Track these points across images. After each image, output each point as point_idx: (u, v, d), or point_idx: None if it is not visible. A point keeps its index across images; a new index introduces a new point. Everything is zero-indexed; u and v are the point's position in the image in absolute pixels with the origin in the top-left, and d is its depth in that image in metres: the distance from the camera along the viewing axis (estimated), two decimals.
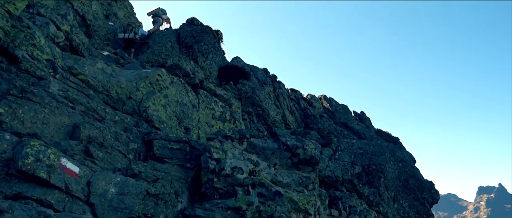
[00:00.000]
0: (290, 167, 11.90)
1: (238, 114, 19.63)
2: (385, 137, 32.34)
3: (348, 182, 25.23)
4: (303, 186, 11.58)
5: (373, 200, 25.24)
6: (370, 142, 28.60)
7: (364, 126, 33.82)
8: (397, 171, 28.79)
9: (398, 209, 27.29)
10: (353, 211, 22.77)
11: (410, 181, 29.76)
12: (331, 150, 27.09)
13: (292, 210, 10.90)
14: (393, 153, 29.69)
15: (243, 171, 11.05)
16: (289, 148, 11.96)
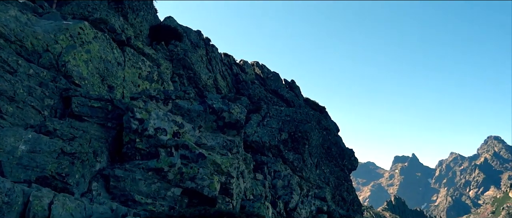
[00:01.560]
0: (215, 130, 11.91)
1: (167, 75, 19.13)
2: (313, 106, 33.49)
3: (275, 148, 25.96)
4: (227, 149, 11.67)
5: (297, 166, 26.29)
6: (298, 109, 29.49)
7: (293, 94, 34.68)
8: (321, 138, 30.11)
9: (319, 175, 28.73)
10: (278, 176, 23.55)
11: (333, 149, 31.34)
12: (260, 116, 27.56)
13: (215, 172, 11.00)
14: (319, 122, 30.93)
15: (166, 132, 10.88)
16: (215, 111, 11.92)
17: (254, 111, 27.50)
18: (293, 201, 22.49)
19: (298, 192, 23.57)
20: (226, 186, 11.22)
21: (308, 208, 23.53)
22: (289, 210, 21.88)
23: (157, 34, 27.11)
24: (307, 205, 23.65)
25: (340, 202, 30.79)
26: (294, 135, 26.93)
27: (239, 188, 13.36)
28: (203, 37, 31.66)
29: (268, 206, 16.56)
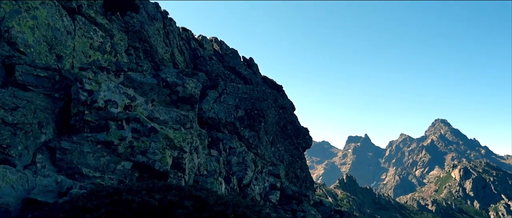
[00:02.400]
0: (169, 104, 11.70)
1: (120, 47, 18.49)
2: (270, 84, 33.69)
3: (231, 125, 25.99)
4: (180, 124, 11.53)
5: (252, 143, 26.51)
6: (255, 87, 29.55)
7: (251, 72, 34.67)
8: (277, 116, 30.46)
9: (274, 152, 29.17)
10: (233, 152, 23.67)
11: (288, 127, 31.84)
12: (217, 92, 27.40)
13: (167, 147, 10.86)
14: (276, 100, 31.22)
15: (117, 104, 10.56)
16: (168, 85, 11.69)
17: (211, 87, 27.30)
18: (247, 178, 22.77)
19: (252, 169, 23.85)
20: (178, 161, 11.13)
21: (262, 185, 23.93)
22: (243, 186, 22.15)
23: (112, 4, 26.03)
24: (261, 182, 24.03)
25: (293, 179, 31.51)
26: (251, 113, 27.05)
27: (192, 163, 13.30)
28: (161, 10, 30.77)
29: (221, 182, 16.67)
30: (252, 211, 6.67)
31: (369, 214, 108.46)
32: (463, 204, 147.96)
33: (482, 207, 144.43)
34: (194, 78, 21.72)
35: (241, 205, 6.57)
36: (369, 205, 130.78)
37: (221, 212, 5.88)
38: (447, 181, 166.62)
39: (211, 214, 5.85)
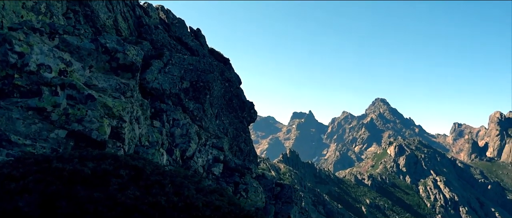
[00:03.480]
0: (108, 72, 11.19)
1: (58, 9, 17.32)
2: (217, 57, 33.31)
3: (175, 96, 25.52)
4: (120, 93, 11.10)
5: (197, 115, 26.27)
6: (202, 59, 29.10)
7: (198, 43, 34.02)
8: (223, 90, 30.31)
9: (219, 125, 29.13)
10: (176, 124, 23.33)
11: (234, 100, 31.83)
12: (162, 62, 26.66)
13: (105, 115, 10.45)
14: (222, 73, 30.98)
15: (51, 69, 9.94)
16: (108, 51, 11.15)
17: (156, 56, 26.51)
18: (191, 150, 22.63)
19: (196, 141, 23.71)
20: (117, 130, 10.77)
21: (205, 157, 23.90)
22: (186, 158, 21.99)
23: None
24: (204, 154, 23.98)
25: (237, 152, 31.76)
26: (196, 84, 26.68)
27: (132, 133, 12.94)
28: None
29: (163, 153, 16.43)
30: (191, 182, 6.62)
31: (310, 187, 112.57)
32: (396, 179, 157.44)
33: (413, 182, 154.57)
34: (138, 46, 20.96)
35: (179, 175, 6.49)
36: (310, 179, 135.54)
37: (158, 182, 5.78)
38: (383, 157, 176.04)
39: (148, 183, 5.73)
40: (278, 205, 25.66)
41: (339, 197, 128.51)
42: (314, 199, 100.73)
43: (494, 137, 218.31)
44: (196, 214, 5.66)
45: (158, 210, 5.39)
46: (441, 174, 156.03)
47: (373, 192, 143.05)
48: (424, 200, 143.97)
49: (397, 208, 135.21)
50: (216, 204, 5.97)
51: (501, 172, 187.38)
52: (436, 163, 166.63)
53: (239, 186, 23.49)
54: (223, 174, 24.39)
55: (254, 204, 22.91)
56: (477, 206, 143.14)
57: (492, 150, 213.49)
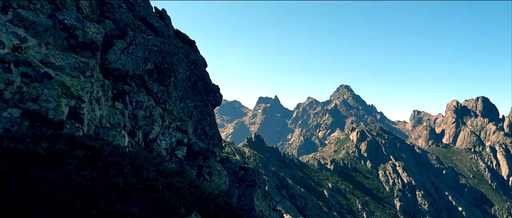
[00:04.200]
0: (66, 49, 10.73)
1: None
2: (182, 39, 32.72)
3: (139, 78, 24.94)
4: (79, 72, 10.69)
5: (161, 97, 25.81)
6: (167, 40, 28.48)
7: (163, 24, 33.25)
8: (188, 72, 29.88)
9: (183, 108, 28.78)
10: (140, 106, 22.86)
11: (199, 83, 31.48)
12: (125, 43, 25.90)
13: (63, 95, 10.05)
14: (187, 55, 30.50)
15: (4, 45, 9.41)
16: (66, 28, 10.67)
17: (119, 36, 25.72)
18: (154, 132, 22.28)
19: (159, 124, 23.36)
20: (76, 110, 10.39)
21: (169, 140, 23.61)
22: (149, 141, 21.64)
23: None
24: (168, 137, 23.69)
25: (201, 135, 31.58)
26: (160, 66, 26.17)
27: (92, 114, 12.56)
28: None
29: (124, 135, 16.07)
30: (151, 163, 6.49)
31: (274, 171, 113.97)
32: (358, 164, 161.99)
33: (373, 166, 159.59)
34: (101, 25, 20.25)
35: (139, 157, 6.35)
36: (274, 163, 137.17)
37: (116, 163, 5.63)
38: (346, 142, 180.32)
39: (105, 164, 5.57)
40: (241, 188, 25.80)
41: (302, 181, 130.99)
42: (278, 183, 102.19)
43: (450, 124, 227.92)
44: (155, 196, 5.57)
45: (116, 191, 5.26)
46: (400, 160, 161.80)
47: (335, 176, 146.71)
48: (383, 184, 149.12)
49: (357, 192, 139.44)
50: (176, 186, 5.89)
51: (455, 158, 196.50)
52: (396, 149, 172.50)
53: (203, 169, 23.40)
54: (187, 157, 24.21)
55: (218, 187, 22.92)
56: (432, 189, 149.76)
57: (448, 137, 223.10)
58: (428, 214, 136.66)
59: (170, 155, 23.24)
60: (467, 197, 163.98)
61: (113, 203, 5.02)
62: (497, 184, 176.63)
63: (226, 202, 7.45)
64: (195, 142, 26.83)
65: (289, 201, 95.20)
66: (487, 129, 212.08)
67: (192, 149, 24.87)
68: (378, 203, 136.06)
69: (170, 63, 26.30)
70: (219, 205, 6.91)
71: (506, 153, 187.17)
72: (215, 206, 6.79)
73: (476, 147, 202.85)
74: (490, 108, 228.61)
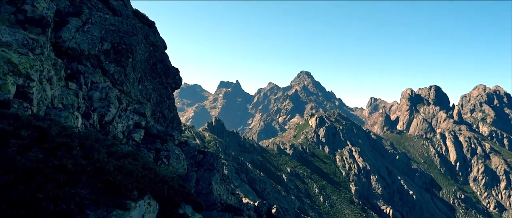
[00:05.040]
0: (14, 25, 10.14)
1: None
2: (141, 19, 31.77)
3: (94, 58, 24.07)
4: (28, 49, 10.15)
5: (118, 79, 25.07)
6: (125, 20, 27.55)
7: (121, 3, 32.09)
8: (147, 54, 29.14)
9: (141, 90, 28.12)
10: (95, 87, 22.11)
11: (158, 65, 30.81)
12: (81, 21, 24.83)
13: (10, 73, 9.51)
14: (146, 36, 29.70)
15: None
16: (13, 1, 10.06)
17: (74, 14, 24.62)
18: (110, 114, 21.67)
19: (116, 106, 22.73)
20: (24, 89, 9.89)
21: (126, 123, 23.05)
22: (104, 123, 21.03)
23: None
24: (125, 119, 23.12)
25: (160, 119, 31.07)
26: (118, 47, 25.36)
27: (43, 94, 12.01)
28: None
29: (78, 117, 15.52)
30: (102, 145, 6.29)
31: (234, 156, 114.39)
32: (316, 149, 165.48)
33: (331, 151, 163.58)
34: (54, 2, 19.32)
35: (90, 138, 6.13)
36: (234, 147, 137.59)
37: (65, 144, 5.40)
38: (305, 128, 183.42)
39: (53, 145, 5.33)
40: (200, 172, 25.72)
41: (261, 166, 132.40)
42: (237, 167, 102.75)
43: (405, 111, 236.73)
44: (106, 178, 5.42)
45: (64, 173, 5.07)
46: (356, 145, 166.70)
47: (294, 161, 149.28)
48: (340, 169, 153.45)
49: (315, 176, 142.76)
50: (129, 168, 5.76)
51: (408, 144, 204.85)
52: (353, 135, 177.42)
53: (160, 153, 23.07)
54: (145, 140, 23.76)
55: (176, 171, 22.71)
56: (386, 174, 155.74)
57: (402, 124, 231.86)
58: (381, 198, 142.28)
59: (127, 138, 22.71)
60: (417, 181, 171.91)
61: (60, 185, 4.84)
62: (446, 169, 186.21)
63: (181, 185, 7.38)
64: (153, 125, 26.36)
65: (248, 185, 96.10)
66: (438, 116, 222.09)
67: (150, 132, 24.44)
68: (335, 187, 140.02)
69: (128, 44, 25.53)
70: (173, 188, 6.83)
71: (454, 140, 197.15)
72: (169, 189, 6.70)
73: (427, 134, 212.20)
74: (441, 97, 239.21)
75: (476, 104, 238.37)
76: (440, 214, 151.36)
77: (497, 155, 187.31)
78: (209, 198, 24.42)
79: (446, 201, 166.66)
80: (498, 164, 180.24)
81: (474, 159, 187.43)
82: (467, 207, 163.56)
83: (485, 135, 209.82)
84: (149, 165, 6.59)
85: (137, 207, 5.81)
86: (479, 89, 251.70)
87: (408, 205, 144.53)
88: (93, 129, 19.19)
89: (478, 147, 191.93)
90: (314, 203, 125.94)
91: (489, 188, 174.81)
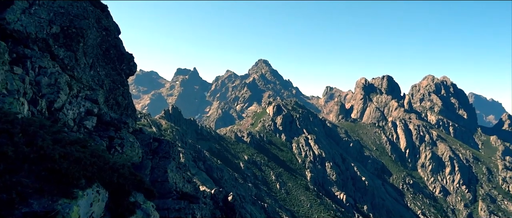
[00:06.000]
0: None
1: None
2: (93, 2, 30.51)
3: (42, 41, 22.96)
4: None
5: (68, 64, 24.06)
6: (75, 3, 26.35)
7: None
8: (99, 38, 28.09)
9: (93, 76, 27.14)
10: (43, 73, 21.13)
11: (111, 51, 29.80)
12: (27, 2, 23.55)
13: None
14: (99, 20, 28.60)
15: None
16: None
17: None
18: (60, 101, 20.81)
19: (66, 92, 21.84)
20: None
21: (77, 110, 22.22)
22: (53, 110, 20.18)
23: None
24: (76, 106, 22.29)
25: (114, 106, 30.20)
26: (68, 30, 24.30)
27: None
28: None
29: (24, 103, 14.82)
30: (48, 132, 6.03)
31: (191, 144, 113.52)
32: (273, 137, 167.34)
33: (288, 139, 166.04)
34: None
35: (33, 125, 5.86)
36: (192, 135, 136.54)
37: (6, 130, 5.13)
38: (262, 116, 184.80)
39: None
40: (155, 160, 25.34)
41: (219, 153, 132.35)
42: (194, 155, 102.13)
43: (359, 100, 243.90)
44: (51, 166, 5.21)
45: (4, 161, 4.82)
46: (312, 133, 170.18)
47: (251, 148, 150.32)
48: (296, 156, 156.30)
49: (272, 164, 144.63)
50: (76, 155, 5.56)
51: (361, 132, 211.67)
52: (309, 123, 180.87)
53: (114, 141, 22.46)
54: (97, 128, 23.03)
55: (130, 159, 22.23)
56: (340, 161, 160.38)
57: (356, 112, 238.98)
58: (336, 184, 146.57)
59: (78, 126, 21.90)
60: (370, 168, 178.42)
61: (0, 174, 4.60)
62: (396, 155, 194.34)
63: (132, 172, 7.22)
64: (107, 112, 25.57)
65: (206, 173, 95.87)
66: (390, 105, 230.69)
67: (102, 120, 23.71)
68: (291, 174, 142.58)
69: (79, 28, 24.50)
70: (124, 176, 6.67)
71: (404, 128, 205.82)
72: (119, 177, 6.55)
73: (380, 122, 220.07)
74: (393, 86, 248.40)
75: (425, 94, 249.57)
76: (390, 199, 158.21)
77: (443, 142, 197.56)
78: (165, 186, 24.15)
79: (396, 186, 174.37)
80: (444, 150, 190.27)
81: (422, 146, 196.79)
82: (415, 192, 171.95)
83: (433, 123, 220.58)
84: (98, 152, 6.40)
85: (85, 195, 5.64)
86: (428, 80, 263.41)
87: (361, 191, 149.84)
88: (41, 116, 18.37)
89: (426, 134, 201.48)
90: (271, 190, 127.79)
91: (435, 173, 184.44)
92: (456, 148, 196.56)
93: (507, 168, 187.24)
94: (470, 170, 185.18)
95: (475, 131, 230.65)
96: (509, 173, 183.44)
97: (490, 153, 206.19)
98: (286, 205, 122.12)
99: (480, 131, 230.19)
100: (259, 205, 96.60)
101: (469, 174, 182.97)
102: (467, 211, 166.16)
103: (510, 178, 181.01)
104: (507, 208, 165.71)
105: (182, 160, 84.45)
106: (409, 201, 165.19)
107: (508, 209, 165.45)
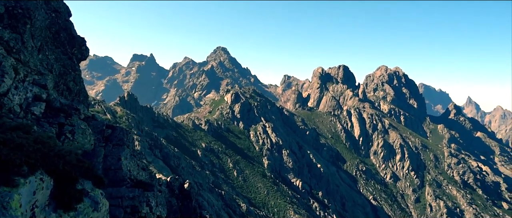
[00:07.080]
0: None
1: None
2: None
3: None
4: None
5: (13, 47, 22.79)
6: None
7: None
8: (48, 20, 26.76)
9: (42, 60, 25.89)
10: None
11: (62, 34, 28.51)
12: None
13: None
14: (47, 1, 27.21)
15: None
16: None
17: None
18: (5, 86, 19.71)
19: (12, 76, 20.72)
20: None
21: (23, 95, 21.16)
22: None
23: None
24: (23, 92, 21.21)
25: (64, 91, 29.02)
26: (13, 11, 22.99)
27: None
28: None
29: None
30: None
31: (147, 131, 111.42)
32: (231, 125, 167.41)
33: (245, 127, 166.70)
34: None
35: None
36: (148, 123, 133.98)
37: None
38: (220, 103, 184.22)
39: None
40: (108, 148, 24.67)
41: (176, 141, 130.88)
42: (151, 143, 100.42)
43: (315, 89, 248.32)
44: None
45: None
46: (269, 121, 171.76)
47: (209, 136, 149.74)
48: (254, 144, 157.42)
49: (229, 151, 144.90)
50: (17, 141, 5.31)
51: (317, 120, 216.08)
52: (267, 111, 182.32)
53: (64, 128, 21.61)
54: (46, 114, 22.05)
55: (82, 146, 21.49)
56: (296, 149, 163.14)
57: (313, 101, 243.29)
58: (292, 171, 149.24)
59: (25, 112, 20.88)
60: (325, 155, 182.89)
61: None
62: (350, 143, 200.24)
63: (80, 159, 6.99)
64: (56, 98, 24.50)
65: (162, 161, 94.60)
66: (345, 94, 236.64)
67: (52, 106, 22.72)
68: (248, 162, 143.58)
69: (25, 8, 23.22)
70: (70, 163, 6.45)
71: (359, 116, 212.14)
72: (65, 164, 6.32)
73: (335, 111, 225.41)
74: (348, 76, 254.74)
75: (379, 84, 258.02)
76: (344, 185, 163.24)
77: (394, 130, 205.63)
78: (118, 174, 23.59)
79: (350, 173, 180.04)
80: (395, 138, 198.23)
81: (375, 134, 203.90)
82: (367, 178, 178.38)
83: (385, 112, 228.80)
84: (42, 139, 6.14)
85: (27, 183, 5.40)
86: (381, 70, 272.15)
87: (316, 178, 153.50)
88: None
89: (378, 123, 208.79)
90: (228, 178, 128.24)
91: (387, 160, 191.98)
92: (406, 136, 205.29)
93: (452, 155, 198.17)
94: (418, 157, 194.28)
95: (424, 119, 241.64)
96: (454, 159, 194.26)
97: (437, 141, 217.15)
98: (243, 192, 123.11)
99: (429, 120, 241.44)
100: (216, 193, 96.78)
101: (417, 161, 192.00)
102: (415, 195, 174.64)
103: (454, 164, 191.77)
104: (451, 193, 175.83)
105: (138, 148, 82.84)
106: (361, 187, 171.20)
107: (452, 193, 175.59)
